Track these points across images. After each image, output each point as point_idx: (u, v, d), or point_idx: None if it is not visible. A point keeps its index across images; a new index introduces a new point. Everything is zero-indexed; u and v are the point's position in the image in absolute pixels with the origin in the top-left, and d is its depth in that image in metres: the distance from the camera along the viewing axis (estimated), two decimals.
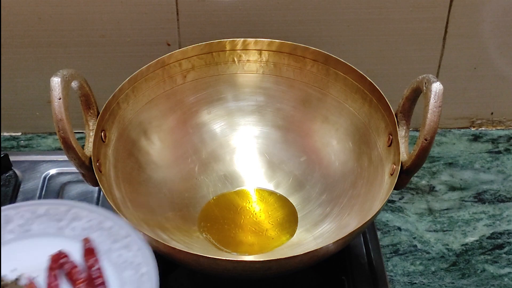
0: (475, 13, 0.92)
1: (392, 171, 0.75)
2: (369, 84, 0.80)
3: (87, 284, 0.56)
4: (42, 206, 0.59)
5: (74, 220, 0.59)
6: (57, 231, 0.59)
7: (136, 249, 0.56)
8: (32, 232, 0.59)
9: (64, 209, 0.59)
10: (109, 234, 0.58)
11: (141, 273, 0.55)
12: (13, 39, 0.93)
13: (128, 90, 0.82)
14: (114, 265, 0.56)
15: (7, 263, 0.57)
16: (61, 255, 0.58)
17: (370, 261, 0.82)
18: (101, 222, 0.59)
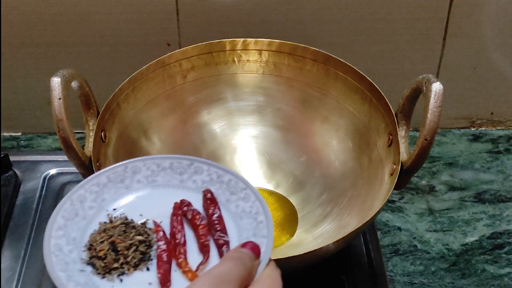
0: (475, 13, 0.92)
1: (392, 171, 0.75)
2: (369, 84, 0.80)
3: (208, 229, 0.60)
4: (166, 160, 0.64)
5: (196, 173, 0.64)
6: (179, 183, 0.64)
7: (252, 201, 0.60)
8: (157, 183, 0.64)
9: (186, 163, 0.64)
10: (227, 187, 0.62)
11: (258, 221, 0.59)
12: (13, 39, 0.93)
13: (128, 90, 0.82)
14: (232, 214, 0.61)
15: (135, 209, 0.62)
16: (184, 203, 0.62)
17: (370, 261, 0.82)
18: (220, 176, 0.63)
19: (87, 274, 0.57)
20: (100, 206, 0.62)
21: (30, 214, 0.87)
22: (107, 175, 0.63)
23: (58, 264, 0.56)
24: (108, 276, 0.57)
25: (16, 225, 0.86)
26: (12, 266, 0.81)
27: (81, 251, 0.58)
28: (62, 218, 0.59)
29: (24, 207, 0.88)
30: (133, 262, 0.58)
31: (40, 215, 0.87)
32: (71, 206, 0.60)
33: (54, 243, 0.57)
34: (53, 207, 0.86)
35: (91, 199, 0.61)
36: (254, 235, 0.58)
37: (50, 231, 0.57)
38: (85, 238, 0.59)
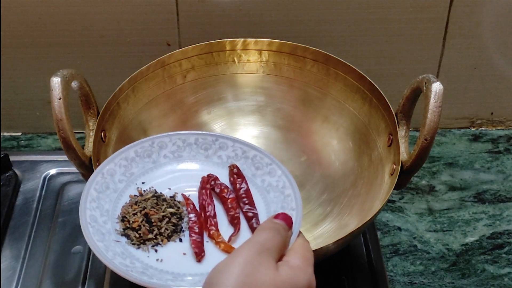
0: (475, 13, 0.92)
1: (392, 171, 0.75)
2: (369, 84, 0.80)
3: (237, 202, 0.63)
4: (192, 135, 0.67)
5: (220, 149, 0.66)
6: (205, 158, 0.66)
7: (278, 175, 0.63)
8: (183, 158, 0.67)
9: (211, 139, 0.67)
10: (252, 162, 0.64)
11: (285, 195, 0.61)
12: (13, 39, 0.93)
13: (128, 90, 0.82)
14: (258, 188, 0.63)
15: (163, 183, 0.65)
16: (211, 177, 0.65)
17: (370, 261, 0.82)
18: (245, 151, 0.66)
19: (123, 244, 0.59)
20: (129, 179, 0.65)
21: (30, 214, 0.87)
22: (134, 149, 0.66)
23: (95, 234, 0.58)
24: (143, 246, 0.60)
25: (16, 225, 0.85)
26: (12, 265, 0.81)
27: (114, 223, 0.61)
28: (95, 190, 0.62)
29: (24, 207, 0.88)
30: (166, 234, 0.61)
31: (40, 215, 0.87)
32: (102, 179, 0.64)
33: (90, 214, 0.60)
34: (53, 207, 0.87)
35: (121, 173, 0.65)
36: (282, 207, 0.60)
37: (85, 203, 0.60)
38: (117, 210, 0.62)
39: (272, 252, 0.51)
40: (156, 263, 0.59)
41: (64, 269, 0.80)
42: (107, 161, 0.65)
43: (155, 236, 0.61)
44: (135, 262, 0.58)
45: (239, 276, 0.47)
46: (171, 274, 0.58)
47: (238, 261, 0.49)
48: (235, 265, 0.48)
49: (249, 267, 0.48)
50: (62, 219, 0.86)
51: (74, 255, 0.82)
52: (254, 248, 0.50)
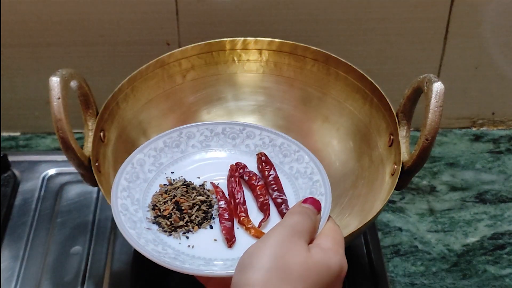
0: (476, 13, 0.92)
1: (393, 171, 0.75)
2: (370, 83, 0.80)
3: (266, 189, 0.64)
4: (219, 125, 0.69)
5: (248, 138, 0.68)
6: (232, 147, 0.68)
7: (306, 162, 0.64)
8: (211, 148, 0.68)
9: (238, 128, 0.68)
10: (280, 150, 0.66)
11: (314, 181, 0.62)
12: (13, 39, 0.92)
13: (127, 89, 0.82)
14: (287, 175, 0.65)
15: (192, 172, 0.67)
16: (239, 165, 0.66)
17: (370, 262, 0.82)
18: (272, 139, 0.67)
19: (154, 232, 0.61)
20: (158, 169, 0.66)
21: (29, 214, 0.87)
22: (163, 140, 0.68)
23: (127, 222, 0.60)
24: (174, 233, 0.61)
25: (15, 225, 0.85)
26: (11, 266, 0.80)
27: (145, 211, 0.62)
28: (125, 180, 0.64)
29: (23, 208, 0.88)
30: (197, 221, 0.62)
31: (39, 215, 0.87)
32: (132, 169, 0.65)
33: (121, 203, 0.62)
34: (52, 207, 0.87)
35: (150, 163, 0.66)
36: (311, 193, 0.61)
37: (116, 192, 0.62)
38: (148, 199, 0.64)
39: (303, 235, 0.52)
40: (187, 249, 0.60)
41: (63, 270, 0.80)
42: (136, 151, 0.67)
43: (186, 223, 0.62)
44: (167, 248, 0.60)
45: (272, 257, 0.48)
46: (202, 259, 0.60)
47: (270, 243, 0.49)
48: (267, 247, 0.49)
49: (281, 248, 0.49)
50: (61, 220, 0.86)
51: (73, 255, 0.82)
52: (285, 231, 0.51)
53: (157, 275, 0.82)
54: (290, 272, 0.48)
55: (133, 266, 0.80)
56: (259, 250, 0.49)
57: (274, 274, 0.47)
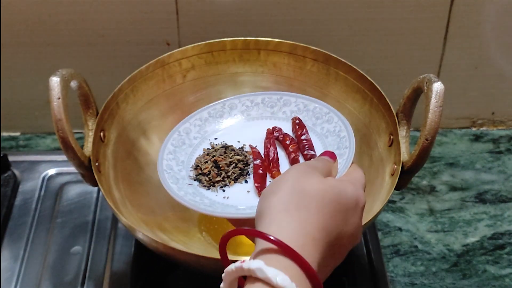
0: (476, 13, 0.92)
1: (393, 171, 0.75)
2: (370, 83, 0.80)
3: (297, 147, 0.70)
4: (259, 96, 0.75)
5: (285, 105, 0.74)
6: (271, 115, 0.74)
7: (335, 122, 0.70)
8: (252, 116, 0.75)
9: (276, 98, 0.75)
10: (313, 114, 0.72)
11: (341, 137, 0.68)
12: (13, 39, 0.92)
13: (127, 89, 0.81)
14: (318, 135, 0.70)
15: (233, 137, 0.74)
16: (275, 128, 0.73)
17: (370, 262, 0.82)
18: (306, 105, 0.73)
19: (194, 187, 0.68)
20: (203, 136, 0.74)
21: (29, 215, 0.87)
22: (207, 111, 0.75)
23: (169, 178, 0.68)
24: (212, 188, 0.68)
25: (15, 225, 0.85)
26: (11, 266, 0.80)
27: (189, 171, 0.70)
28: (172, 145, 0.72)
29: (23, 208, 0.88)
30: (233, 176, 0.69)
31: (39, 215, 0.86)
32: (178, 136, 0.73)
33: (166, 164, 0.70)
34: (52, 207, 0.87)
35: (196, 131, 0.74)
36: (338, 148, 0.67)
37: (162, 154, 0.71)
38: (192, 161, 0.71)
39: (318, 169, 0.55)
40: (222, 200, 0.67)
41: (63, 270, 0.80)
42: (183, 121, 0.74)
43: (222, 179, 0.69)
44: (204, 199, 0.67)
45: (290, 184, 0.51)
46: (234, 207, 0.66)
47: (289, 175, 0.53)
48: (286, 178, 0.53)
49: (298, 177, 0.52)
50: (61, 220, 0.86)
51: (73, 255, 0.82)
52: (302, 166, 0.55)
53: (157, 275, 0.82)
54: (306, 193, 0.50)
55: (133, 266, 0.80)
56: (279, 180, 0.53)
57: (291, 196, 0.50)
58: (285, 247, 0.46)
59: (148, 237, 0.69)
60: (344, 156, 0.65)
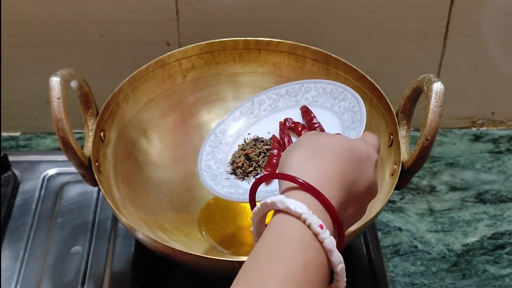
0: (476, 13, 0.92)
1: (392, 171, 0.75)
2: (370, 83, 0.80)
3: (307, 130, 0.74)
4: (282, 88, 0.80)
5: (306, 92, 0.78)
6: (295, 103, 0.78)
7: (349, 98, 0.73)
8: (279, 108, 0.79)
9: (298, 87, 0.79)
10: (331, 95, 0.76)
11: (354, 112, 0.71)
12: (13, 39, 0.92)
13: (127, 89, 0.82)
14: (336, 113, 0.74)
15: (264, 129, 0.79)
16: (287, 119, 0.77)
17: (370, 262, 0.82)
18: (324, 88, 0.77)
19: (231, 180, 0.74)
20: (237, 134, 0.79)
21: (29, 214, 0.87)
22: (239, 110, 0.80)
23: (208, 176, 0.74)
24: (246, 178, 0.74)
25: (15, 225, 0.85)
26: (11, 266, 0.80)
27: (226, 167, 0.76)
28: (210, 146, 0.78)
29: (23, 208, 0.88)
30: (263, 165, 0.74)
31: (39, 215, 0.86)
32: (215, 137, 0.79)
33: (205, 164, 0.76)
34: (52, 207, 0.87)
35: (230, 130, 0.79)
36: (352, 122, 0.71)
37: (201, 156, 0.76)
38: (229, 158, 0.77)
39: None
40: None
41: (63, 270, 0.80)
42: (218, 123, 0.80)
43: (254, 169, 0.74)
44: (239, 189, 0.72)
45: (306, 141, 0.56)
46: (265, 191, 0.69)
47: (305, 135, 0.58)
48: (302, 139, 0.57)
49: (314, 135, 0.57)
50: (61, 220, 0.86)
51: (74, 255, 0.82)
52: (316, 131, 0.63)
53: (157, 275, 0.82)
54: (320, 146, 0.55)
55: (133, 266, 0.80)
56: (297, 141, 0.58)
57: (308, 150, 0.55)
58: (303, 183, 0.51)
59: (148, 237, 0.69)
60: (356, 129, 0.69)
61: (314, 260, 0.48)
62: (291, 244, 0.48)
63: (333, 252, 0.49)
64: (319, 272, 0.48)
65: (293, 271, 0.47)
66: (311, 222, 0.48)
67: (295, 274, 0.47)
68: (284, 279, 0.46)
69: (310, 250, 0.48)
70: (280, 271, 0.47)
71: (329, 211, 0.50)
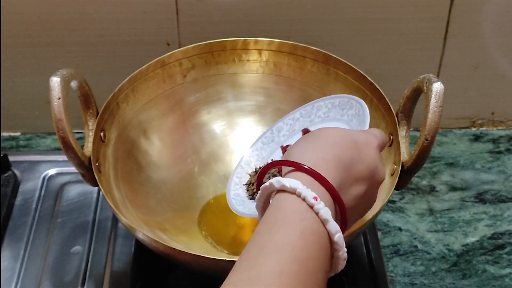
0: (476, 13, 0.92)
1: (392, 171, 0.75)
2: (370, 83, 0.80)
3: None
4: (297, 112, 0.82)
5: (318, 110, 0.80)
6: (310, 122, 0.80)
7: (355, 105, 0.75)
8: (296, 131, 0.81)
9: (309, 108, 0.81)
10: (339, 107, 0.78)
11: (360, 115, 0.73)
12: (13, 39, 0.92)
13: (127, 89, 0.82)
14: (346, 122, 0.76)
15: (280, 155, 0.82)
16: (288, 146, 0.80)
17: (370, 262, 0.82)
18: (333, 102, 0.79)
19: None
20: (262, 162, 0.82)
21: (29, 214, 0.87)
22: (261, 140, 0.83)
23: (237, 203, 0.78)
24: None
25: (15, 225, 0.85)
26: (11, 266, 0.80)
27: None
28: (237, 177, 0.81)
29: (23, 208, 0.88)
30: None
31: (39, 215, 0.86)
32: (241, 169, 0.82)
33: (233, 193, 0.79)
34: (52, 207, 0.87)
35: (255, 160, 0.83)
36: (359, 125, 0.72)
37: (229, 186, 0.80)
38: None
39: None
40: None
41: (63, 270, 0.80)
42: (242, 157, 0.83)
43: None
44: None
45: (305, 136, 0.59)
46: None
47: (303, 135, 0.61)
48: (304, 136, 0.60)
49: (313, 131, 0.60)
50: (61, 220, 0.86)
51: (74, 255, 0.82)
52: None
53: (157, 275, 0.82)
54: (317, 136, 0.57)
55: (133, 266, 0.80)
56: (300, 137, 0.60)
57: (306, 142, 0.57)
58: (297, 164, 0.53)
59: (148, 237, 0.69)
60: (361, 127, 0.71)
61: (311, 230, 0.50)
62: (288, 215, 0.50)
63: (328, 222, 0.50)
64: (317, 241, 0.50)
65: (291, 238, 0.49)
66: (306, 195, 0.50)
67: (293, 240, 0.49)
68: (283, 244, 0.48)
69: (307, 220, 0.50)
70: (278, 238, 0.49)
71: (325, 186, 0.52)
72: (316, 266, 0.49)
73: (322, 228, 0.50)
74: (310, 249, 0.49)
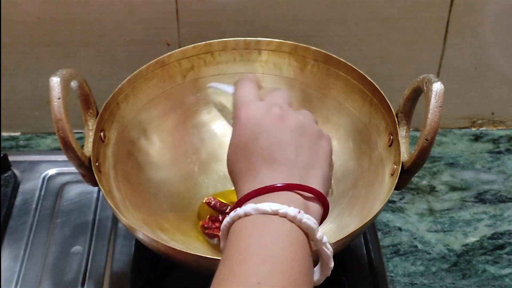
0: (476, 13, 0.92)
1: (392, 171, 0.75)
2: (370, 84, 0.80)
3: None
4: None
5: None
6: None
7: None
8: None
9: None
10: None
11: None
12: (13, 39, 0.92)
13: (127, 89, 0.81)
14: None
15: None
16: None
17: (370, 262, 0.82)
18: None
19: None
20: None
21: (29, 215, 0.87)
22: None
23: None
24: None
25: (15, 225, 0.85)
26: (11, 266, 0.80)
27: None
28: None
29: (23, 208, 0.88)
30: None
31: (39, 215, 0.86)
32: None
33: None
34: (52, 207, 0.87)
35: None
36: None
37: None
38: None
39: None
40: None
41: (63, 270, 0.80)
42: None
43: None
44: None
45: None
46: None
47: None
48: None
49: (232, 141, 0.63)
50: (61, 220, 0.86)
51: (74, 255, 0.82)
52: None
53: (157, 275, 0.82)
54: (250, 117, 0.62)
55: (133, 266, 0.80)
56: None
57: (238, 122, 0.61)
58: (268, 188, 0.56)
59: (148, 237, 0.69)
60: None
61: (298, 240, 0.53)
62: (273, 232, 0.52)
63: (314, 230, 0.54)
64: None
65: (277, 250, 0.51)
66: (288, 212, 0.52)
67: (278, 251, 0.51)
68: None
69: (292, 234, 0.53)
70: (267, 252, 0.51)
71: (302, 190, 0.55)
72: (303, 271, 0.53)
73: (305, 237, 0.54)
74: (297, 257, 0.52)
